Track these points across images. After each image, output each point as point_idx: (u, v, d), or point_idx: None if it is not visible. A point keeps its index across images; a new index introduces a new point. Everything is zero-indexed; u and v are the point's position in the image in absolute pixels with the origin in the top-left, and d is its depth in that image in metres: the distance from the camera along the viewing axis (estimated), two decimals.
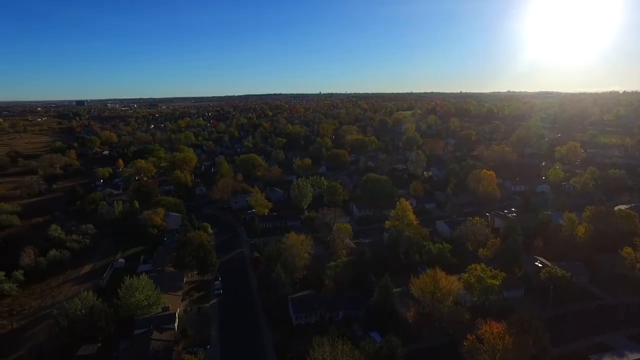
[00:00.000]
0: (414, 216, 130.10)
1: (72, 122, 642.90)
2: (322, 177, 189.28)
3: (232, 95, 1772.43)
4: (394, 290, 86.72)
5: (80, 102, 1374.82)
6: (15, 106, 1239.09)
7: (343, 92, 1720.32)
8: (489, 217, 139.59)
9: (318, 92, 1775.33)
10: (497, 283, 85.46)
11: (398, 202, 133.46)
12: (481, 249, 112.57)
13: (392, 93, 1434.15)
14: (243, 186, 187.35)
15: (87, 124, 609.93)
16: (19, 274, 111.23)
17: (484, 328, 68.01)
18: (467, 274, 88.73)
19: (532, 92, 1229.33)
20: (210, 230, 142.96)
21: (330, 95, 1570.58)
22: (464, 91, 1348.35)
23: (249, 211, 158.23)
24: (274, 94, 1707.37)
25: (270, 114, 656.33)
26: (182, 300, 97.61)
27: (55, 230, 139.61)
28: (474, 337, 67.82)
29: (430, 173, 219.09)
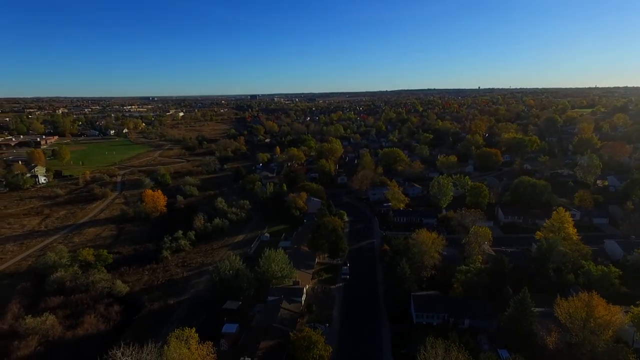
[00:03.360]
0: (575, 230, 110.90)
1: (245, 113, 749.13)
2: (467, 177, 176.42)
3: (384, 90, 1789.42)
4: (534, 308, 75.88)
5: (253, 96, 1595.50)
6: (206, 99, 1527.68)
7: (506, 87, 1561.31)
8: None
9: (477, 87, 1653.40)
10: None
11: (555, 212, 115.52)
12: None
13: (569, 88, 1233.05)
14: (382, 179, 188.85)
15: (256, 115, 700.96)
16: (191, 235, 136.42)
17: None
18: (638, 308, 71.69)
19: None
20: (345, 218, 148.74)
21: (491, 90, 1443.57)
22: None
23: (385, 204, 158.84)
24: (428, 89, 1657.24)
25: (421, 109, 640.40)
26: (312, 278, 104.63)
27: (220, 202, 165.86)
28: None
29: (605, 182, 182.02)
